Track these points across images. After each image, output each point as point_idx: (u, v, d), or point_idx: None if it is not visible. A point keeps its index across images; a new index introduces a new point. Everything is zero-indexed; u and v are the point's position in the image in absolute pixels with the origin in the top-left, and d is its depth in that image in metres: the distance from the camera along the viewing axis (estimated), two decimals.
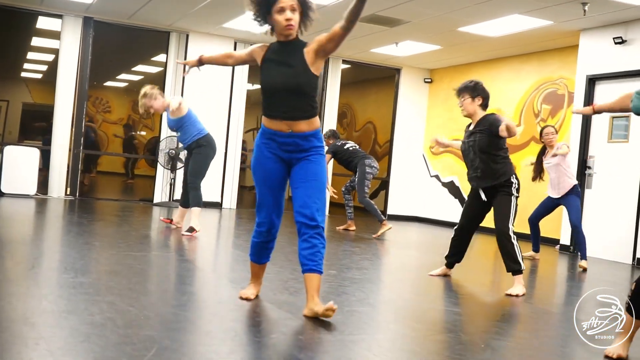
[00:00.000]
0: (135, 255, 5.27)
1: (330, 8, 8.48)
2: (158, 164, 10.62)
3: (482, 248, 8.52)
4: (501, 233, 5.07)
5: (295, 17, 3.63)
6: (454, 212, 11.55)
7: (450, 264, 5.56)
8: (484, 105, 5.32)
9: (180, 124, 6.87)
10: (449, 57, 11.31)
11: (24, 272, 4.32)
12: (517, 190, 5.17)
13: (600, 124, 8.46)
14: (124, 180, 17.14)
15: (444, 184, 11.90)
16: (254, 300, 3.91)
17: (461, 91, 5.36)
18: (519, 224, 7.91)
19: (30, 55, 15.39)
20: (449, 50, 10.71)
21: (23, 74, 18.30)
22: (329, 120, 11.82)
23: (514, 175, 5.17)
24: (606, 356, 3.28)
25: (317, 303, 3.51)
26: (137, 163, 18.45)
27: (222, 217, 9.71)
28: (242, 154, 12.18)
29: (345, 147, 8.98)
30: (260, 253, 3.91)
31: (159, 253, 5.83)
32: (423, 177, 12.41)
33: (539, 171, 7.38)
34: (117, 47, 13.42)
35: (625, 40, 8.09)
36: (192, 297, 4.17)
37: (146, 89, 6.87)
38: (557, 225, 9.00)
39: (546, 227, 9.52)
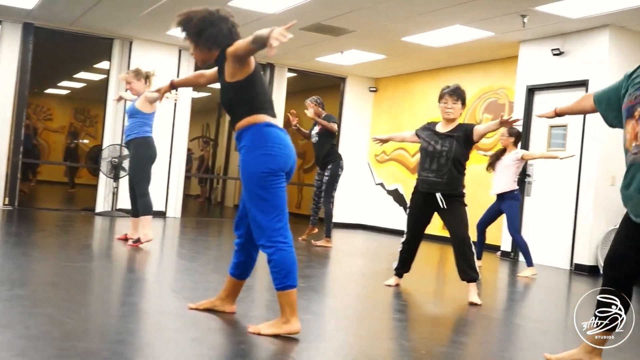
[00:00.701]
0: (75, 265, 5.16)
1: (276, 16, 8.49)
2: (100, 173, 10.44)
3: (427, 255, 8.62)
4: (462, 241, 5.09)
5: (191, 51, 3.65)
6: (398, 219, 11.66)
7: (399, 275, 5.55)
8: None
9: (137, 114, 6.66)
10: (393, 67, 11.45)
11: None
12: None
13: (539, 132, 8.67)
14: (66, 190, 16.77)
15: (389, 192, 12.01)
16: (197, 310, 3.87)
17: (459, 96, 5.36)
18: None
19: None
20: (393, 60, 10.83)
21: None
22: None
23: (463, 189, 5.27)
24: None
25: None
26: (78, 172, 18.10)
27: (167, 226, 9.59)
28: (188, 163, 12.08)
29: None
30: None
31: (100, 263, 5.72)
32: (368, 185, 12.50)
33: (491, 165, 7.40)
34: (59, 53, 13.16)
35: (563, 52, 8.32)
36: (133, 307, 4.10)
37: (140, 68, 6.84)
38: (498, 232, 9.18)
39: (487, 234, 9.71)
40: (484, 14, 7.77)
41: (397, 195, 11.87)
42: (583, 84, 8.08)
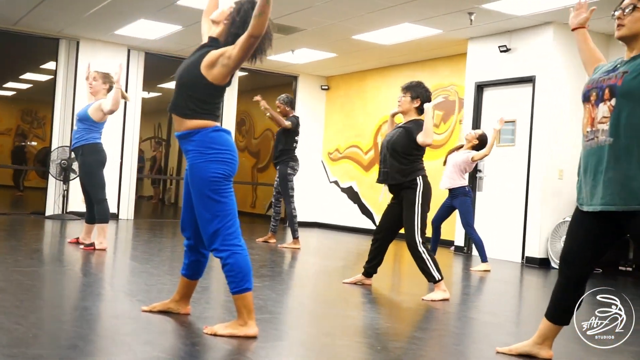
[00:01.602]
0: (24, 270, 5.05)
1: None
2: (49, 176, 10.23)
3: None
4: (409, 246, 5.12)
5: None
6: (353, 217, 11.72)
7: (367, 273, 5.47)
8: (419, 110, 5.37)
9: (87, 121, 6.50)
10: (344, 65, 11.49)
11: None
12: (422, 193, 5.12)
13: (489, 128, 8.80)
14: (14, 193, 16.39)
15: (343, 190, 12.06)
16: (150, 313, 3.82)
17: (407, 89, 5.43)
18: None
19: None
20: (344, 58, 10.88)
21: None
22: (227, 127, 11.73)
23: (420, 177, 5.16)
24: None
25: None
26: (27, 175, 17.71)
27: (119, 228, 9.46)
28: (139, 165, 11.93)
29: (297, 137, 8.32)
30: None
31: (51, 268, 5.61)
32: (322, 183, 12.53)
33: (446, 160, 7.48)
34: (3, 54, 12.85)
35: (510, 49, 8.46)
36: (85, 312, 4.03)
37: (110, 74, 6.73)
38: (452, 227, 9.29)
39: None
40: (432, 12, 7.86)
41: (351, 193, 11.93)
42: (530, 79, 8.24)
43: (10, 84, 17.39)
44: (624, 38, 3.00)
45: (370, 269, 5.49)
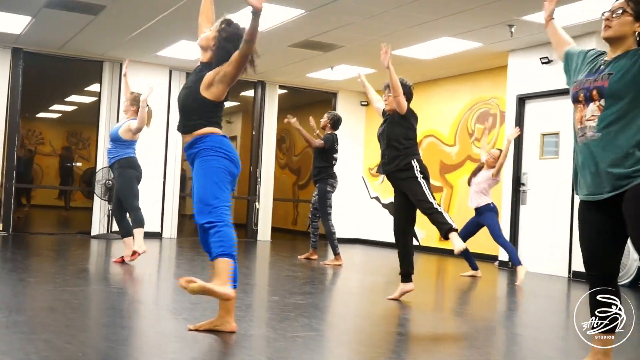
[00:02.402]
0: (73, 290, 5.13)
1: (263, 35, 8.52)
2: (95, 196, 10.41)
3: (426, 267, 8.61)
4: (425, 211, 5.23)
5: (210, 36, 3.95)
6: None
7: (404, 276, 5.42)
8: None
9: (118, 140, 6.88)
10: (384, 80, 11.43)
11: None
12: (421, 171, 5.33)
13: (532, 141, 8.70)
14: (60, 213, 16.66)
15: (385, 205, 12.01)
16: (197, 331, 3.85)
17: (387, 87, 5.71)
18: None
19: None
20: (383, 74, 10.78)
21: None
22: (268, 145, 11.82)
23: (415, 160, 5.36)
24: None
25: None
26: (72, 195, 18.03)
27: (163, 247, 9.57)
28: (182, 182, 12.05)
29: (335, 154, 8.44)
30: None
31: (97, 287, 5.69)
32: (363, 199, 12.50)
33: (469, 180, 7.79)
34: (49, 77, 13.16)
35: (552, 60, 8.37)
36: (131, 331, 4.08)
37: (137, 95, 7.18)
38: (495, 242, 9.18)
39: (485, 245, 9.71)
40: (472, 25, 7.82)
41: (392, 209, 11.86)
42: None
43: (56, 106, 17.78)
44: (609, 39, 3.23)
45: (405, 272, 5.42)
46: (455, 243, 5.07)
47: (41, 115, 19.10)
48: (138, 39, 9.27)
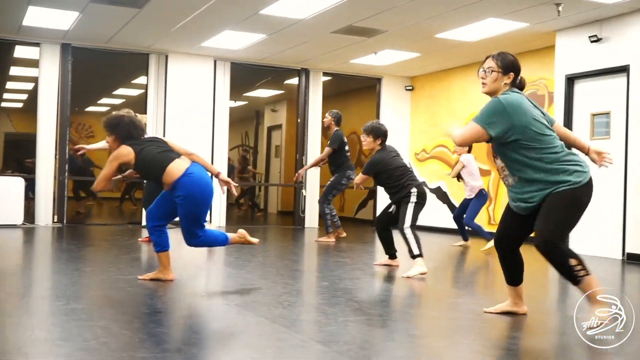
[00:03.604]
0: (127, 278, 5.25)
1: (306, 21, 8.52)
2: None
3: (492, 260, 8.55)
4: (399, 231, 6.08)
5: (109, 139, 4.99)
6: (442, 217, 11.58)
7: (392, 256, 6.55)
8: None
9: None
10: (428, 64, 11.39)
11: (15, 302, 4.29)
12: (419, 197, 6.19)
13: (582, 121, 8.53)
14: (116, 206, 16.94)
15: (432, 190, 11.94)
16: (248, 315, 3.90)
17: (369, 132, 6.46)
18: None
19: (10, 84, 15.32)
20: (428, 57, 10.78)
21: (3, 104, 18.20)
22: (313, 133, 11.84)
23: (414, 187, 6.19)
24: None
25: None
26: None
27: None
28: (230, 172, 12.18)
29: (346, 146, 9.07)
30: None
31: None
32: None
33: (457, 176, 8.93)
34: (97, 71, 13.40)
35: (601, 39, 8.18)
36: (185, 317, 4.16)
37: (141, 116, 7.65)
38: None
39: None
40: (517, 5, 7.68)
41: (440, 193, 11.80)
42: (624, 69, 7.94)
43: (104, 100, 18.10)
44: (488, 94, 4.02)
45: (391, 253, 6.61)
46: (414, 269, 5.88)
47: (90, 109, 19.46)
48: (182, 31, 9.37)
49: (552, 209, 3.72)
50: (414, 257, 5.94)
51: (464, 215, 8.77)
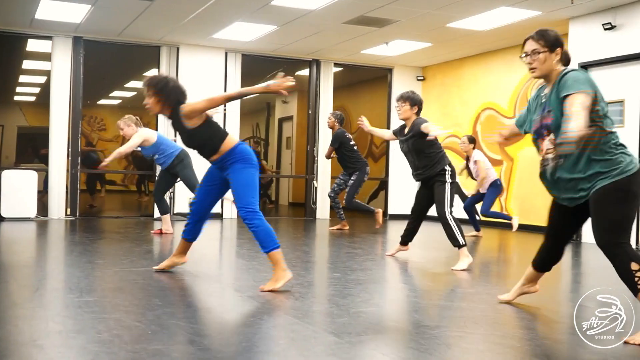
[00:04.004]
0: (139, 270, 5.27)
1: (317, 12, 8.49)
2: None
3: (490, 245, 8.53)
4: (440, 217, 5.94)
5: (149, 101, 4.69)
6: (455, 207, 11.52)
7: (404, 242, 6.52)
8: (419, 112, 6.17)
9: (156, 150, 7.76)
10: (440, 54, 11.33)
11: (29, 294, 4.32)
12: (452, 176, 5.99)
13: None
14: (136, 198, 17.00)
15: None
16: (261, 307, 3.91)
17: (405, 99, 6.15)
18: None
19: (22, 78, 15.39)
20: (439, 47, 10.73)
21: (16, 98, 18.29)
22: (324, 124, 11.81)
23: (447, 164, 5.99)
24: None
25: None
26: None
27: (224, 227, 9.71)
28: None
29: (351, 142, 9.30)
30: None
31: None
32: None
33: (469, 172, 9.10)
34: (109, 64, 13.43)
35: (615, 26, 8.11)
36: (197, 308, 4.17)
37: (127, 115, 7.89)
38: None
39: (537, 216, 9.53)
40: None
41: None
42: (638, 57, 7.87)
43: (116, 93, 18.15)
44: (540, 78, 3.71)
45: (407, 240, 6.56)
46: (462, 262, 5.78)
47: (102, 102, 19.52)
48: (193, 23, 9.37)
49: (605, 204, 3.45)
50: (460, 246, 5.82)
51: (477, 206, 8.81)
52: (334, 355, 3.02)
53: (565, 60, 3.72)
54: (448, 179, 5.95)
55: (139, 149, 7.83)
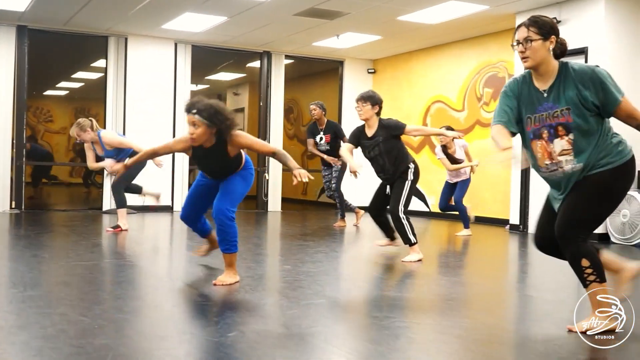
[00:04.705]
0: (86, 264, 5.18)
1: (268, 4, 8.45)
2: (105, 171, 10.44)
3: (435, 234, 8.62)
4: (392, 214, 5.86)
5: (197, 131, 4.35)
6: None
7: (391, 238, 6.34)
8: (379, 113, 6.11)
9: (118, 150, 7.56)
10: (390, 47, 11.40)
11: None
12: (414, 174, 5.98)
13: None
14: (85, 191, 16.68)
15: None
16: (210, 301, 3.88)
17: (365, 99, 6.08)
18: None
19: None
20: (390, 40, 10.79)
21: None
22: (275, 116, 11.79)
23: (411, 162, 6.02)
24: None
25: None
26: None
27: (174, 220, 9.61)
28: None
29: (340, 137, 9.13)
30: None
31: (110, 261, 5.74)
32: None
33: (453, 160, 8.26)
34: (55, 54, 13.14)
35: (560, 21, 8.26)
36: (145, 302, 4.12)
37: (80, 119, 7.57)
38: (506, 206, 9.18)
39: (495, 208, 9.73)
40: None
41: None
42: (582, 51, 8.04)
43: (63, 84, 17.78)
44: (532, 68, 3.42)
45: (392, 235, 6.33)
46: (412, 255, 5.79)
47: (49, 92, 19.10)
48: (142, 13, 9.22)
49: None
50: (411, 244, 5.80)
51: (454, 197, 8.30)
52: (284, 347, 3.02)
53: (561, 50, 3.50)
54: (410, 176, 5.92)
55: (101, 143, 7.61)
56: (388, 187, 6.09)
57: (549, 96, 3.38)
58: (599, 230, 7.84)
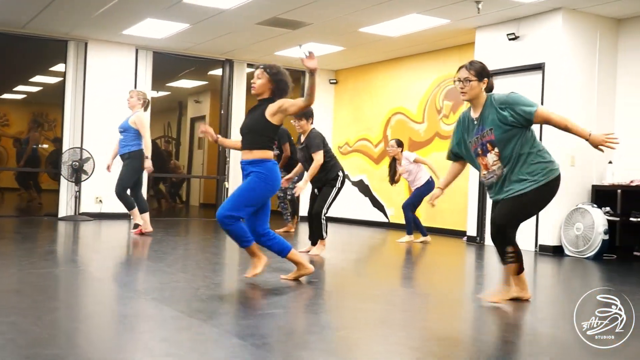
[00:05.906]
0: (39, 272, 5.08)
1: (230, 12, 8.43)
2: (61, 177, 10.28)
3: (393, 244, 8.67)
4: (315, 213, 6.73)
5: (258, 82, 5.05)
6: (364, 210, 11.71)
7: (314, 242, 6.93)
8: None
9: (129, 130, 7.96)
10: (352, 58, 11.47)
11: None
12: (342, 183, 6.85)
13: None
14: (31, 198, 16.34)
15: (354, 183, 12.05)
16: (165, 309, 3.84)
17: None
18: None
19: None
20: (352, 51, 10.85)
21: None
22: (236, 125, 11.75)
23: (340, 171, 6.89)
24: None
25: None
26: (39, 177, 17.74)
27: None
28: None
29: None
30: None
31: (64, 269, 5.64)
32: None
33: (393, 176, 8.77)
34: (13, 57, 12.90)
35: (518, 37, 8.41)
36: (99, 311, 4.05)
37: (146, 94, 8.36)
38: (464, 218, 9.28)
39: (452, 220, 9.83)
40: (439, 1, 7.82)
41: (362, 186, 11.92)
42: (539, 67, 8.20)
43: (20, 87, 17.46)
44: (468, 100, 4.39)
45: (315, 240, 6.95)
46: (319, 248, 6.81)
47: (5, 96, 18.75)
48: (103, 17, 9.12)
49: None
50: (322, 238, 6.77)
51: (406, 201, 8.63)
52: (236, 358, 3.00)
53: (489, 88, 4.43)
54: (338, 184, 6.79)
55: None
56: (316, 190, 6.90)
57: (479, 122, 4.36)
58: (553, 242, 7.98)
